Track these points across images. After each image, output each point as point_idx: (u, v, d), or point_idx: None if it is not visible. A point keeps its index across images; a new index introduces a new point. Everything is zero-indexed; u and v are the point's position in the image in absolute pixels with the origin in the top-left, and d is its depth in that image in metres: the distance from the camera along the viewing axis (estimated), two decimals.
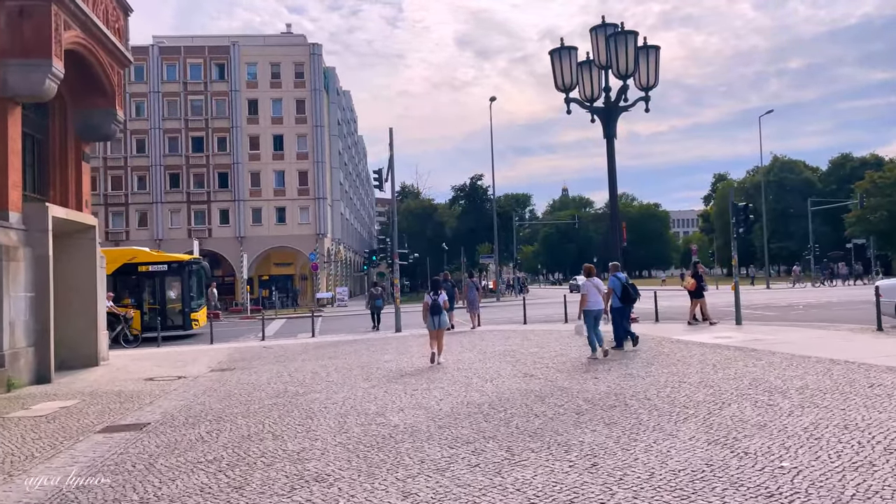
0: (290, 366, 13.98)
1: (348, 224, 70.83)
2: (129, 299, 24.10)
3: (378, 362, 13.51)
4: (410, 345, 16.89)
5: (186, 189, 52.67)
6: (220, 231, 52.64)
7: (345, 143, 68.86)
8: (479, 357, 13.22)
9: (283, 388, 10.76)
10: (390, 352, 15.48)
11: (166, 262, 24.23)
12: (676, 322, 20.04)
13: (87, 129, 16.10)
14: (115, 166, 52.34)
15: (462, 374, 10.92)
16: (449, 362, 12.66)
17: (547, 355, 12.88)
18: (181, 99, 52.97)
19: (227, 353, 17.66)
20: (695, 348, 12.69)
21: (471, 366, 11.94)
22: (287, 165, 53.56)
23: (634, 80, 14.93)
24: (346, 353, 15.86)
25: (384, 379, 11.02)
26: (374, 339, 19.25)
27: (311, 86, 53.84)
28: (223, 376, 12.96)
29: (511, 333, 18.14)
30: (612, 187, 15.27)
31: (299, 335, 23.01)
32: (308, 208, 53.60)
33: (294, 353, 16.39)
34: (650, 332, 16.21)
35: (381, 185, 24.48)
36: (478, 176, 63.68)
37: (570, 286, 58.61)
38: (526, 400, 8.23)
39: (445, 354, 13.47)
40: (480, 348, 14.91)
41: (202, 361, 15.97)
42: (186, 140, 52.91)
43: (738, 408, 7.02)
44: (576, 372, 10.45)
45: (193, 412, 8.92)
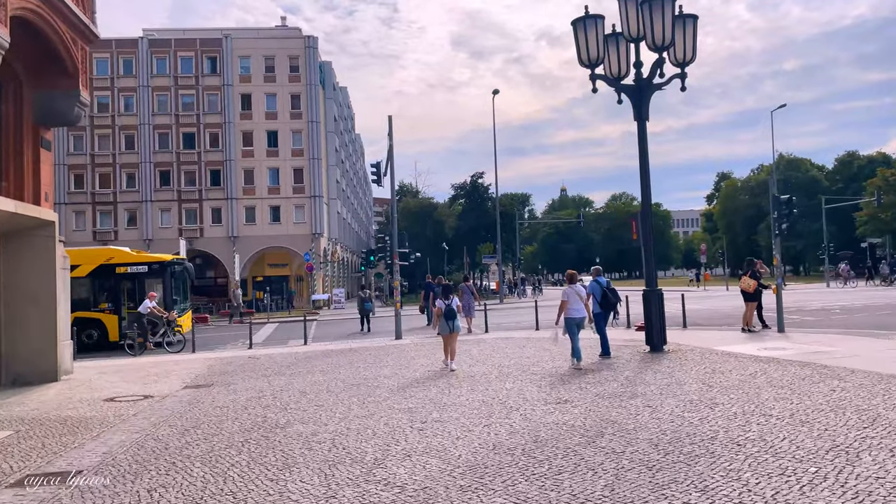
0: (276, 382, 12.09)
1: (345, 224, 68.91)
2: (106, 304, 22.19)
3: (376, 378, 11.62)
4: (412, 355, 15.00)
5: (177, 187, 50.71)
6: (212, 231, 50.67)
7: (341, 140, 66.94)
8: (495, 373, 11.34)
9: (262, 415, 8.86)
10: (390, 364, 13.60)
11: (146, 263, 22.33)
12: (707, 328, 18.18)
13: (46, 112, 14.21)
14: (102, 163, 50.36)
15: (479, 398, 9.04)
16: (461, 380, 10.78)
17: (575, 372, 10.99)
18: (172, 94, 51.00)
19: (207, 364, 15.77)
20: (749, 364, 10.81)
21: (487, 386, 10.05)
22: (281, 163, 51.61)
23: (669, 55, 13.06)
24: (341, 365, 13.97)
25: (384, 403, 9.13)
26: (372, 347, 17.36)
27: (307, 80, 51.91)
28: (196, 396, 11.08)
29: (524, 342, 16.25)
30: (644, 174, 13.40)
31: (290, 342, 21.12)
32: (303, 207, 51.65)
33: (282, 366, 14.50)
34: (684, 341, 14.34)
35: (380, 180, 22.60)
36: (478, 174, 61.88)
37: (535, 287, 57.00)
38: (570, 441, 6.34)
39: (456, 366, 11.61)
40: (494, 361, 13.02)
41: (177, 375, 14.07)
42: (177, 136, 50.95)
43: (874, 460, 5.15)
44: (621, 397, 8.56)
45: (144, 453, 7.03)
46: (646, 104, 13.20)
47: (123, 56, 50.83)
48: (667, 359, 11.93)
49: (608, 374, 10.50)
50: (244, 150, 51.23)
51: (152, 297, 20.22)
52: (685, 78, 13.20)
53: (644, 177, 13.32)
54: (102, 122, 50.41)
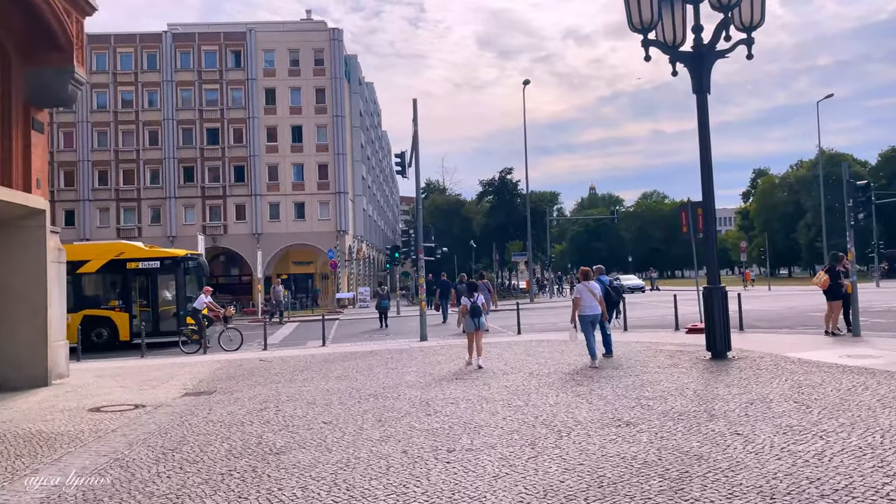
0: (284, 390, 10.66)
1: (371, 221, 67.71)
2: (117, 301, 21.05)
3: (397, 387, 10.12)
4: (438, 360, 13.48)
5: (201, 183, 49.88)
6: (235, 227, 49.76)
7: (367, 137, 65.71)
8: (534, 384, 9.75)
9: (258, 434, 7.41)
10: (413, 370, 12.08)
11: (159, 259, 21.14)
12: (767, 331, 16.34)
13: (38, 91, 12.95)
14: (126, 159, 49.75)
15: (518, 417, 7.47)
16: (495, 393, 9.23)
17: (630, 383, 9.35)
18: (195, 88, 50.20)
19: (215, 367, 14.44)
20: (840, 376, 9.05)
21: (527, 401, 8.47)
22: (306, 158, 50.49)
23: (732, 18, 11.32)
24: (359, 370, 12.51)
25: (404, 421, 7.61)
26: (394, 350, 15.87)
27: (332, 73, 50.71)
28: (192, 406, 9.70)
29: (562, 346, 14.61)
30: (705, 155, 11.65)
31: (309, 343, 19.76)
32: (328, 203, 50.47)
33: (294, 371, 13.08)
34: (748, 346, 12.58)
35: (405, 171, 21.14)
36: (507, 170, 59.88)
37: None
38: (647, 488, 4.75)
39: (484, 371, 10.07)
40: (530, 368, 11.43)
41: (179, 380, 12.75)
42: (201, 131, 50.13)
43: None
44: (696, 419, 6.93)
45: (99, 487, 5.61)
46: (707, 74, 11.49)
47: (147, 51, 50.18)
48: (735, 368, 10.23)
49: (669, 387, 8.85)
50: (268, 145, 50.22)
51: (208, 293, 19.07)
52: (752, 44, 11.45)
53: (705, 159, 11.58)
54: (126, 117, 49.81)
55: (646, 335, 16.21)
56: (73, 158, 49.41)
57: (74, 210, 49.35)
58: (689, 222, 16.52)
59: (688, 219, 16.59)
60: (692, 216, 16.48)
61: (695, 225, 16.46)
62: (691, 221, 16.50)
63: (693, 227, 16.47)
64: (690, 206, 16.66)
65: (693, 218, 16.47)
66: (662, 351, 12.76)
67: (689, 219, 16.53)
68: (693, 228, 16.48)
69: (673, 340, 14.64)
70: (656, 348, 13.27)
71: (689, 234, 16.61)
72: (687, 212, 16.65)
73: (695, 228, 16.48)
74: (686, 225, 16.72)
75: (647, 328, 18.65)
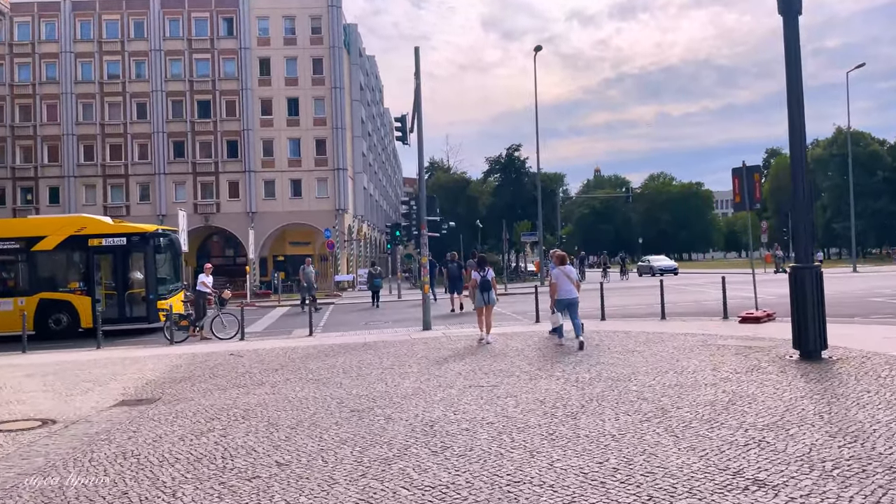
0: (245, 400, 8.14)
1: (372, 200, 64.96)
2: (78, 283, 18.51)
3: (391, 399, 7.57)
4: (444, 355, 10.91)
5: (192, 159, 47.11)
6: (229, 206, 47.09)
7: (368, 112, 62.77)
8: (576, 395, 7.18)
9: (178, 479, 4.86)
10: (413, 371, 9.53)
11: (125, 235, 18.56)
12: (837, 321, 13.66)
13: None
14: (113, 133, 46.97)
15: (575, 466, 4.89)
16: (526, 411, 6.65)
17: (718, 400, 6.74)
18: (185, 58, 47.28)
19: (175, 363, 11.93)
20: None
21: (575, 428, 5.89)
22: (303, 132, 47.66)
23: None
24: (346, 370, 9.97)
25: (396, 469, 5.05)
26: (393, 342, 13.32)
27: (330, 42, 47.72)
28: (116, 425, 7.22)
29: (596, 337, 12.02)
30: (795, 87, 8.93)
31: (295, 332, 17.21)
32: (326, 180, 47.71)
33: (267, 370, 10.55)
34: (832, 341, 9.95)
35: (406, 137, 18.48)
36: (514, 146, 56.95)
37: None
38: None
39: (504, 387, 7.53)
40: (565, 371, 8.86)
41: (122, 381, 10.25)
42: (192, 104, 47.27)
43: None
44: (858, 469, 4.33)
45: None
46: None
47: (134, 18, 47.23)
48: (844, 374, 7.64)
49: (774, 407, 6.26)
50: (263, 118, 47.41)
51: (208, 270, 16.62)
52: None
53: (794, 94, 8.88)
54: (113, 88, 46.98)
55: (691, 325, 13.62)
56: (57, 132, 46.70)
57: (59, 187, 46.78)
58: (744, 190, 13.85)
59: (741, 186, 13.91)
60: (747, 183, 13.81)
61: (750, 193, 13.80)
62: (746, 189, 13.83)
63: (749, 197, 13.81)
64: (745, 171, 13.97)
65: (748, 185, 13.81)
66: (726, 347, 10.17)
67: (744, 186, 13.85)
68: (749, 198, 13.82)
69: (729, 332, 12.05)
70: (715, 343, 10.68)
71: (744, 205, 13.94)
72: (741, 178, 13.96)
73: (751, 197, 13.82)
74: (739, 193, 14.05)
75: (687, 315, 16.05)
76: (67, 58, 46.66)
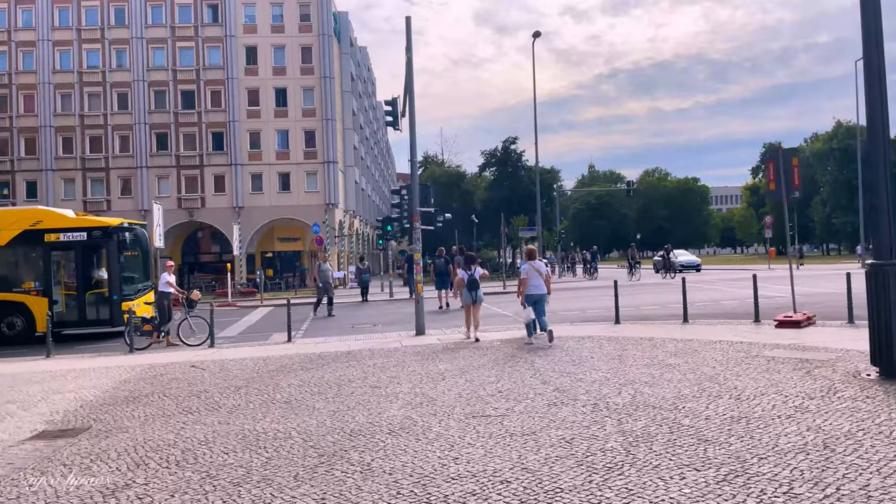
0: (188, 435, 6.44)
1: (364, 196, 63.14)
2: (33, 283, 16.72)
3: (373, 434, 5.87)
4: (440, 368, 9.20)
5: (175, 151, 45.19)
6: (214, 200, 45.21)
7: (360, 104, 60.92)
8: (618, 435, 5.48)
9: None
10: (403, 391, 7.83)
11: (85, 229, 16.75)
12: None
13: None
14: (93, 125, 44.97)
15: None
16: (550, 458, 4.94)
17: (806, 443, 5.06)
18: (168, 46, 45.29)
19: (124, 377, 10.20)
20: None
21: (629, 496, 4.19)
22: (291, 124, 45.79)
23: None
24: (322, 389, 8.26)
25: None
26: (380, 351, 11.61)
27: (319, 30, 45.84)
28: (16, 469, 5.50)
29: (617, 345, 10.34)
30: (873, 39, 7.25)
31: (273, 336, 15.48)
32: (316, 174, 45.88)
33: (228, 388, 8.83)
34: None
35: (397, 121, 16.74)
36: (511, 139, 55.16)
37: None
38: None
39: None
40: (586, 393, 7.17)
41: (53, 402, 8.54)
42: (175, 94, 45.31)
43: None
44: None
45: None
46: None
47: (115, 4, 45.20)
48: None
49: (886, 452, 4.59)
50: (249, 109, 45.51)
51: (170, 269, 14.82)
52: None
53: (872, 46, 7.19)
54: (92, 78, 45.01)
55: (721, 330, 11.95)
56: (34, 124, 44.71)
57: (36, 181, 44.82)
58: (780, 176, 12.18)
59: (778, 172, 12.23)
60: (785, 168, 12.14)
61: (788, 180, 12.13)
62: (783, 175, 12.15)
63: (786, 184, 12.14)
64: (782, 154, 12.31)
65: (786, 171, 12.14)
66: (779, 361, 8.50)
67: (780, 172, 12.18)
68: (786, 185, 12.15)
69: (770, 339, 10.38)
70: (762, 354, 9.02)
71: (780, 194, 12.27)
72: (777, 162, 12.29)
73: (788, 185, 12.15)
74: (774, 180, 12.38)
75: (710, 317, 14.38)
76: (45, 46, 44.65)
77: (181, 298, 14.57)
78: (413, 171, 14.42)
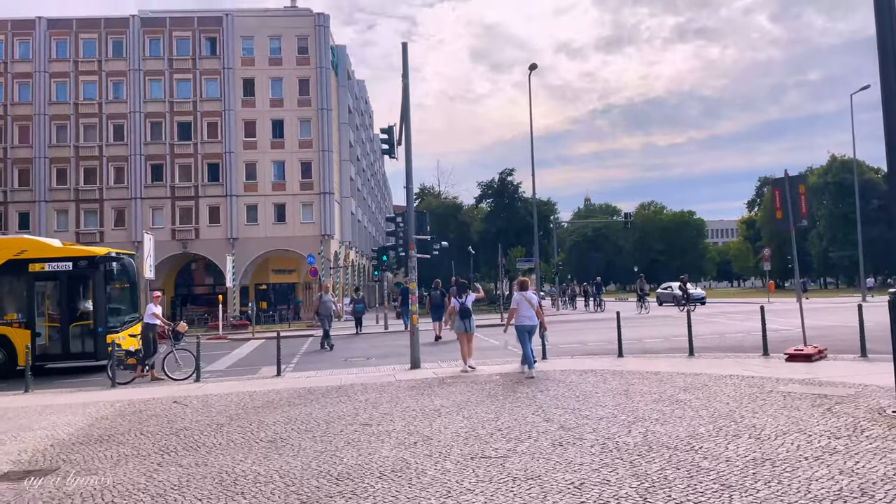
0: (165, 475, 5.92)
1: (360, 227, 62.80)
2: (15, 314, 16.16)
3: (362, 479, 5.35)
4: (436, 404, 8.67)
5: (170, 183, 44.88)
6: (208, 231, 44.77)
7: (357, 136, 60.96)
8: (632, 480, 4.98)
9: None
10: (397, 429, 7.31)
11: (71, 259, 16.26)
12: None
13: None
14: (88, 156, 44.72)
15: None
16: None
17: (850, 480, 4.57)
18: (166, 78, 45.33)
19: (102, 412, 9.64)
20: None
21: None
22: (288, 155, 45.64)
23: None
24: (310, 426, 7.73)
25: None
26: (373, 386, 11.07)
27: (317, 63, 45.97)
28: None
29: (623, 379, 9.83)
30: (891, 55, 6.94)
31: (262, 370, 14.92)
32: (312, 205, 45.56)
33: (210, 426, 8.29)
34: None
35: (393, 149, 16.42)
36: (508, 171, 55.25)
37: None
38: None
39: None
40: (603, 434, 6.66)
41: (23, 440, 8.01)
42: (171, 125, 45.20)
43: None
44: None
45: None
46: None
47: (113, 37, 45.37)
48: None
49: None
50: (246, 140, 45.39)
51: (157, 300, 14.24)
52: None
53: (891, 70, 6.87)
54: (88, 109, 44.93)
55: (729, 364, 11.45)
56: (28, 155, 44.45)
57: (29, 212, 44.34)
58: (787, 204, 11.82)
59: (784, 199, 11.88)
60: (791, 195, 11.78)
61: (795, 208, 11.77)
62: (790, 203, 11.79)
63: (793, 212, 11.77)
64: (788, 181, 11.95)
65: (793, 198, 11.78)
66: (796, 396, 8.01)
67: (787, 199, 11.82)
68: (793, 213, 11.78)
69: (783, 374, 9.89)
70: (777, 390, 8.53)
71: (787, 222, 11.89)
72: (782, 190, 11.93)
73: (795, 213, 11.78)
74: (780, 208, 12.01)
75: (715, 350, 13.88)
76: (42, 78, 44.65)
77: (167, 331, 14.04)
78: (409, 196, 14.05)
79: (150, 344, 13.85)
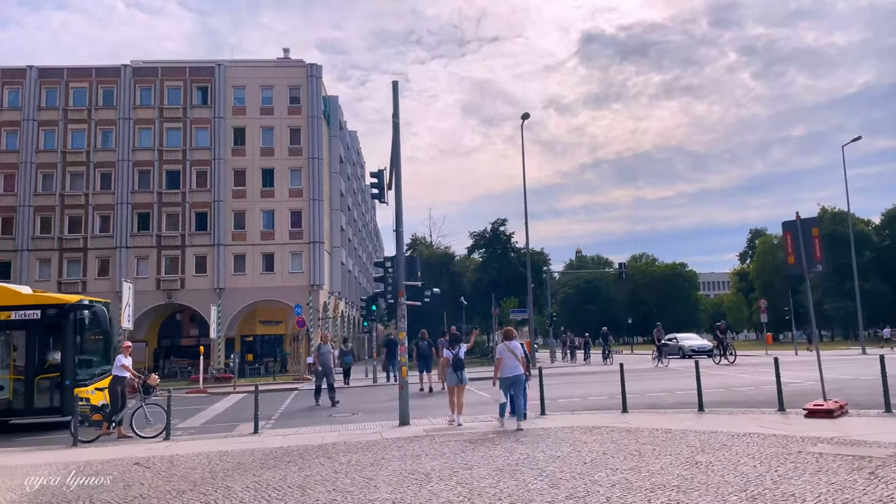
0: None
1: (350, 277, 61.93)
2: None
3: None
4: (426, 468, 7.73)
5: (157, 231, 44.08)
6: (194, 281, 43.76)
7: (349, 186, 60.70)
8: None
9: None
10: (378, 501, 6.36)
11: (39, 307, 15.31)
12: None
13: None
14: (73, 204, 43.99)
15: None
16: None
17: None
18: (155, 126, 45.01)
19: (51, 477, 8.61)
20: None
21: None
22: (277, 204, 45.07)
23: None
24: (283, 495, 6.79)
25: None
26: (357, 445, 10.09)
27: (309, 112, 45.89)
28: None
29: (628, 437, 8.92)
30: None
31: (239, 426, 13.85)
32: (301, 254, 44.76)
33: (172, 490, 7.33)
34: None
35: (383, 194, 15.76)
36: (500, 221, 54.88)
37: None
38: None
39: None
40: (611, 502, 5.76)
41: None
42: (160, 173, 44.65)
43: None
44: None
45: None
46: None
47: (104, 86, 45.23)
48: None
49: None
50: (235, 189, 44.85)
51: (127, 350, 13.28)
52: None
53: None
54: (76, 157, 44.42)
55: (744, 420, 10.56)
56: (12, 203, 43.69)
57: (11, 261, 43.25)
58: (800, 249, 11.14)
59: (797, 244, 11.21)
60: (805, 239, 11.12)
61: (808, 252, 11.09)
62: (803, 247, 11.12)
63: (807, 257, 11.08)
64: (801, 224, 11.31)
65: (806, 242, 11.12)
66: (827, 458, 7.13)
67: (800, 243, 11.15)
68: (807, 259, 11.09)
69: (806, 432, 9.02)
70: (804, 450, 7.66)
71: (800, 267, 11.19)
72: (794, 234, 11.28)
73: (809, 258, 11.10)
74: (793, 253, 11.33)
75: (728, 405, 12.95)
76: (30, 126, 44.26)
77: (137, 384, 13.05)
78: (399, 239, 13.32)
79: (118, 398, 12.84)
